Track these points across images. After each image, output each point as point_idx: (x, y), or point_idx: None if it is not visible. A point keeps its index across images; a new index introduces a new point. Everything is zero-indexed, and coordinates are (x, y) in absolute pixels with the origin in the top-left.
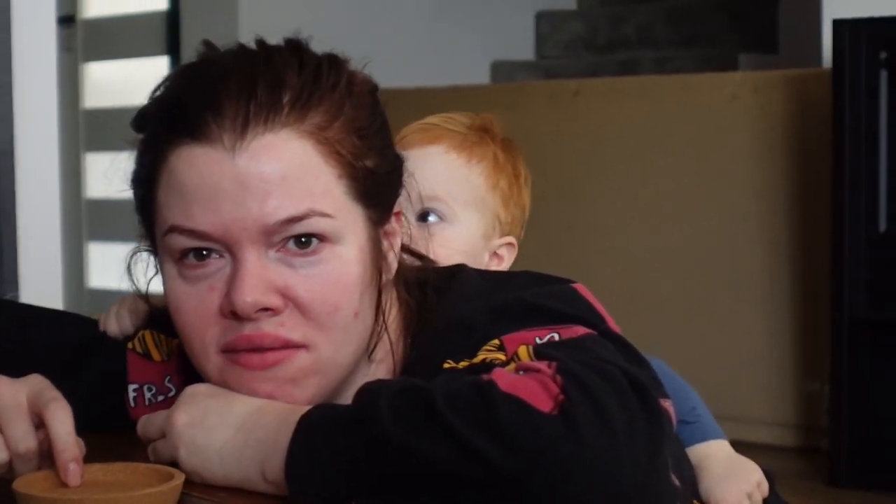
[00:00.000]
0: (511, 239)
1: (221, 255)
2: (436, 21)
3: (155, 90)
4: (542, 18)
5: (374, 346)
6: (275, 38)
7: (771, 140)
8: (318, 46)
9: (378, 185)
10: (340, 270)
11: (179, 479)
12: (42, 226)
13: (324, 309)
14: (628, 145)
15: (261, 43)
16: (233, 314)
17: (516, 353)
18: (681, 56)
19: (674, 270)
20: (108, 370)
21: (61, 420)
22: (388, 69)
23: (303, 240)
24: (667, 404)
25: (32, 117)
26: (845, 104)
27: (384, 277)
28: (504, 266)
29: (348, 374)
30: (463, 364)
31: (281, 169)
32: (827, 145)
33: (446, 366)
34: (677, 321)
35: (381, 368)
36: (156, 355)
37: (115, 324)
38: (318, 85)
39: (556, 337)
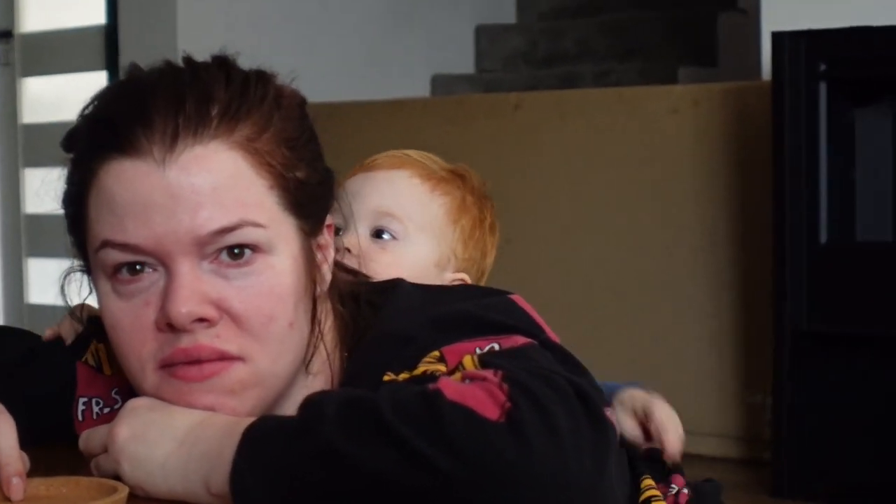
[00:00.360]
0: (465, 276)
1: (155, 269)
2: (375, 34)
3: (84, 109)
4: (482, 32)
5: (311, 358)
6: (213, 52)
7: (711, 153)
8: (256, 61)
9: (309, 197)
10: (274, 281)
11: (123, 491)
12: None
13: (258, 320)
14: (569, 158)
15: (188, 60)
16: (168, 326)
17: (461, 363)
18: (620, 69)
19: (615, 283)
20: (54, 384)
21: (4, 434)
22: (327, 83)
23: (235, 251)
24: (610, 414)
25: None
26: (785, 116)
27: (318, 289)
28: None
29: (287, 387)
30: (403, 376)
31: (211, 180)
32: (767, 158)
33: (386, 378)
34: (619, 334)
35: (318, 380)
36: (107, 369)
37: (72, 330)
38: (246, 98)
39: (497, 347)
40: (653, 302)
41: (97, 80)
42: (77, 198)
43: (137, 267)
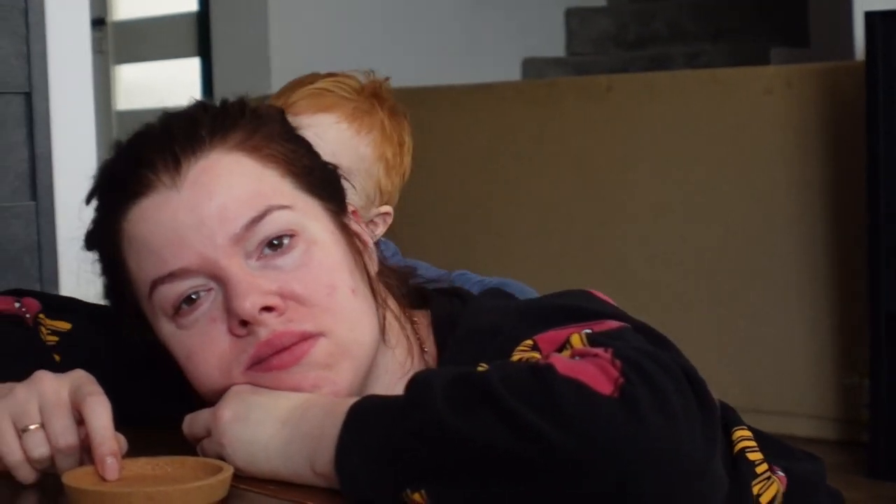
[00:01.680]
0: (388, 208)
1: (209, 290)
2: (466, 19)
3: (90, 192)
4: (572, 15)
5: (384, 328)
6: (305, 38)
7: (804, 134)
8: (349, 46)
9: (322, 179)
10: (321, 255)
11: (228, 471)
12: (81, 227)
13: (322, 293)
14: (660, 141)
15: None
16: (241, 325)
17: (569, 342)
18: (711, 51)
19: (707, 267)
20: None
21: (99, 414)
22: (418, 67)
23: (274, 242)
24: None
25: (70, 120)
26: (879, 97)
27: (369, 268)
28: (378, 233)
29: (373, 358)
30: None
31: (225, 182)
32: (861, 139)
33: (480, 369)
34: (711, 318)
35: (399, 352)
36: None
37: None
38: (227, 114)
39: (590, 332)
40: (745, 285)
41: (189, 67)
42: (113, 263)
43: (193, 297)
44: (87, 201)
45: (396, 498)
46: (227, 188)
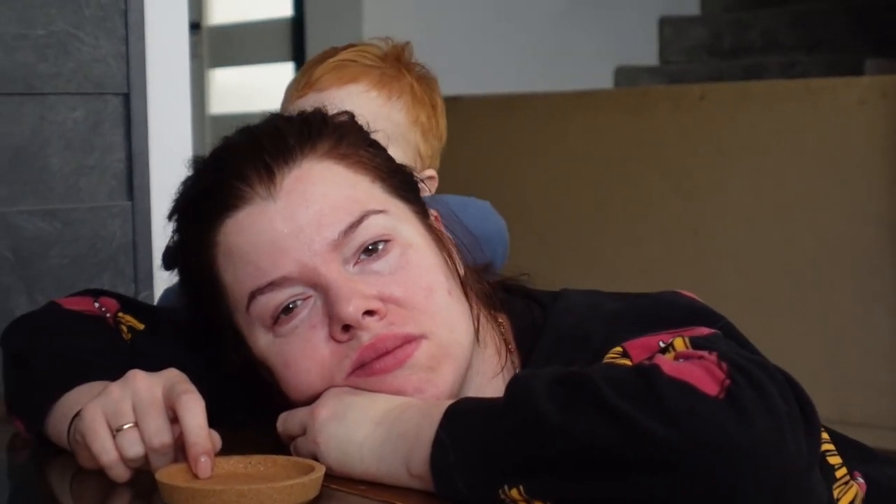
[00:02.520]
0: (432, 172)
1: (307, 298)
2: (560, 26)
3: (174, 207)
4: (666, 24)
5: (478, 328)
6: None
7: None
8: (441, 51)
9: (407, 182)
10: (417, 257)
11: (320, 471)
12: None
13: (420, 295)
14: (753, 150)
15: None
16: (343, 330)
17: (672, 345)
18: (806, 61)
19: (799, 276)
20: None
21: (193, 413)
22: (511, 74)
23: (370, 247)
24: None
25: (166, 121)
26: None
27: (459, 268)
28: None
29: (471, 357)
30: None
31: (320, 190)
32: None
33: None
34: (802, 327)
35: (490, 350)
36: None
37: None
38: (309, 124)
39: (692, 336)
40: (839, 296)
41: (283, 72)
42: (205, 278)
43: (291, 305)
44: (170, 218)
45: (492, 495)
46: (323, 196)
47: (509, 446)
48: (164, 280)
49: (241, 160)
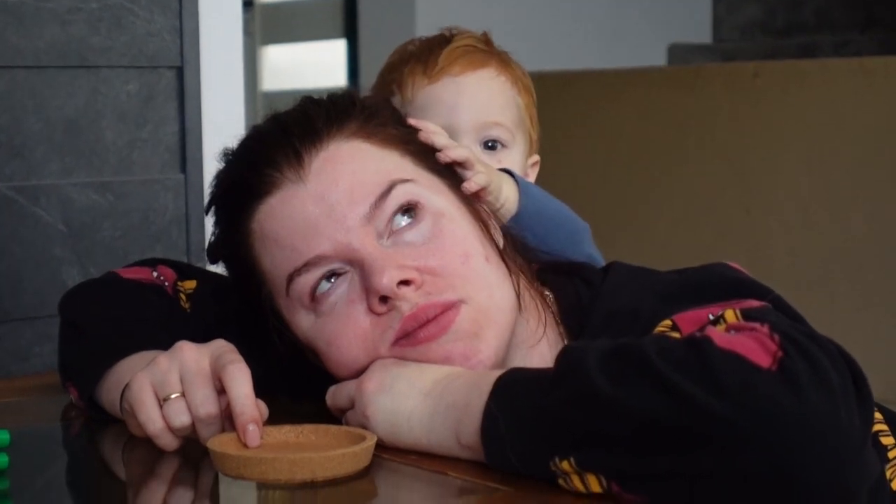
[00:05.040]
0: (537, 157)
1: (345, 273)
2: (613, 4)
3: (210, 198)
4: (720, 2)
5: (519, 294)
6: (451, 22)
7: None
8: (495, 29)
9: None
10: (451, 226)
11: (371, 440)
12: None
13: (456, 262)
14: (807, 129)
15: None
16: (381, 302)
17: (723, 317)
18: (860, 40)
19: (852, 258)
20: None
21: (240, 382)
22: (563, 52)
23: (402, 213)
24: None
25: (219, 96)
26: None
27: (496, 239)
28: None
29: (513, 324)
30: None
31: (349, 168)
32: None
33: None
34: (855, 310)
35: (531, 315)
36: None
37: None
38: (337, 106)
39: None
40: (889, 279)
41: (335, 49)
42: (246, 267)
43: (329, 282)
44: (207, 211)
45: (543, 467)
46: (352, 173)
47: (561, 418)
48: None
49: (270, 147)
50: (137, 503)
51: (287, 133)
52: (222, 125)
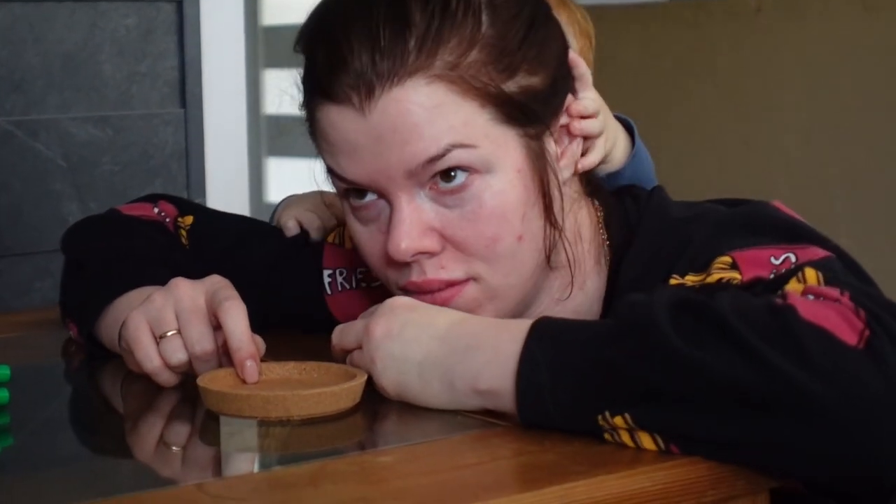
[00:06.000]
0: None
1: (380, 196)
2: None
3: (298, 36)
4: None
5: (550, 254)
6: None
7: None
8: None
9: (534, 101)
10: (494, 202)
11: (359, 379)
12: (228, 140)
13: (482, 244)
14: (809, 63)
15: None
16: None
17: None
18: None
19: (854, 191)
20: (310, 282)
21: (236, 319)
22: None
23: (451, 173)
24: None
25: (219, 29)
26: None
27: (560, 179)
28: None
29: (531, 291)
30: (691, 279)
31: (413, 118)
32: None
33: (673, 282)
34: (858, 242)
35: (560, 275)
36: (348, 244)
37: (295, 224)
38: (447, 14)
39: (793, 258)
40: (893, 211)
41: None
42: (312, 126)
43: (365, 195)
44: (295, 48)
45: (587, 420)
46: (414, 126)
47: (622, 373)
48: (215, 188)
49: (353, 48)
50: (136, 437)
51: (374, 40)
52: (222, 59)
